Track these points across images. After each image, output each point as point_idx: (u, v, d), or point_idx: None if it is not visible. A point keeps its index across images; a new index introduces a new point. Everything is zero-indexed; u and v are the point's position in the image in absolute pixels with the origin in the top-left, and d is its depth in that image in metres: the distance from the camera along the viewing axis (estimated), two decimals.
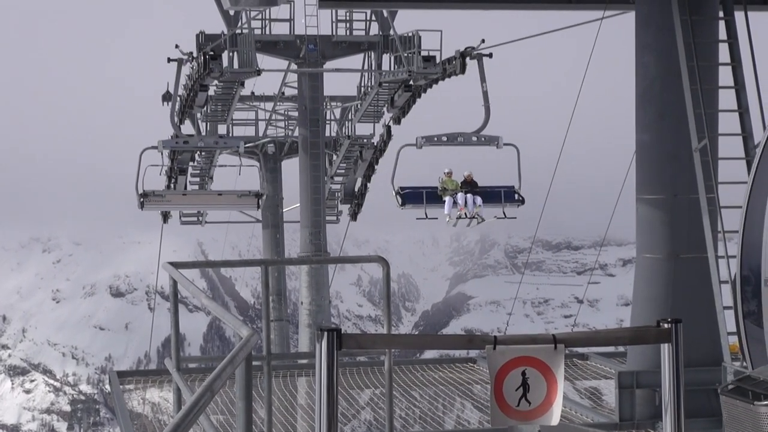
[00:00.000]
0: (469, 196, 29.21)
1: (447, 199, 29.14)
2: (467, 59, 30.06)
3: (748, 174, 14.77)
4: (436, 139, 28.22)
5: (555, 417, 5.51)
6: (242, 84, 33.50)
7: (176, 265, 10.60)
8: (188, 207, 37.81)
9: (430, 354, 34.10)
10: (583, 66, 22.40)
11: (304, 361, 19.22)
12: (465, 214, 29.20)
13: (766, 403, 6.61)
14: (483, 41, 29.12)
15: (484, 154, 28.82)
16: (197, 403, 5.00)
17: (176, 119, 34.49)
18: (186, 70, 33.37)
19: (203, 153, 38.46)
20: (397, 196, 28.71)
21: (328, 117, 38.50)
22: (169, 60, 34.05)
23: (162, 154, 33.38)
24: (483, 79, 29.57)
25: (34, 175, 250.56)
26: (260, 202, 33.09)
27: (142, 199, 32.42)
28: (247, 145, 40.69)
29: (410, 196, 29.11)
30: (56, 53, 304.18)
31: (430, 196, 29.20)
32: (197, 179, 39.80)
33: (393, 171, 28.02)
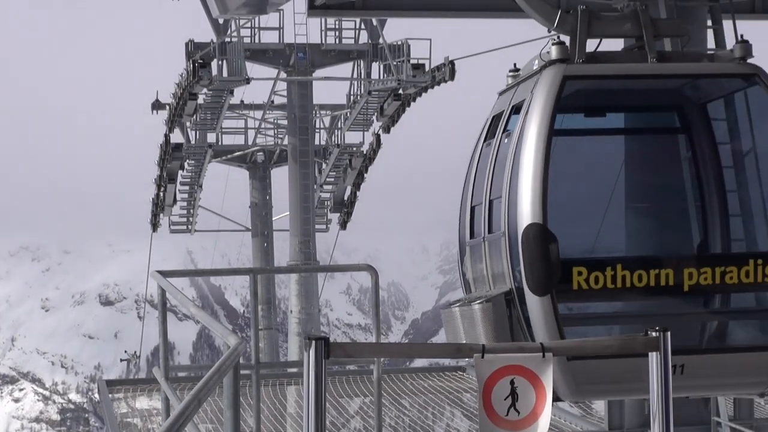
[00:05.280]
0: None
1: None
2: None
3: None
4: None
5: (544, 426, 5.51)
6: (231, 92, 33.51)
7: (165, 274, 10.59)
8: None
9: (419, 363, 34.07)
10: None
11: (294, 370, 19.19)
12: None
13: (479, 303, 7.97)
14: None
15: None
16: (184, 412, 4.99)
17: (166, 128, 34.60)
18: (175, 78, 33.40)
19: (193, 162, 38.47)
20: None
21: (317, 125, 38.51)
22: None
23: None
24: None
25: (23, 183, 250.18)
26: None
27: None
28: (236, 154, 40.77)
29: None
30: (42, 58, 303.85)
31: None
32: (186, 188, 39.78)
33: None
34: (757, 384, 8.07)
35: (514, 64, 8.89)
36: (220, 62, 32.74)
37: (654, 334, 5.52)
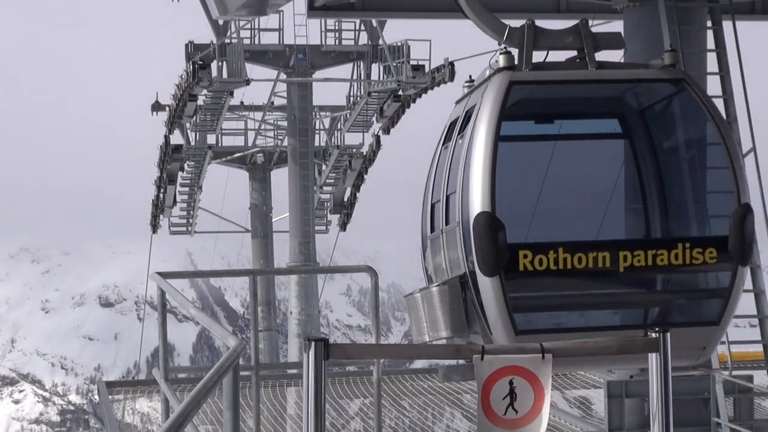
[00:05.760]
0: None
1: None
2: None
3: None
4: None
5: (542, 426, 5.52)
6: (231, 93, 33.49)
7: (164, 275, 10.59)
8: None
9: (419, 364, 34.09)
10: None
11: (294, 371, 19.18)
12: None
13: (436, 286, 9.00)
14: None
15: None
16: (183, 413, 4.98)
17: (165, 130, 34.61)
18: (175, 79, 33.40)
19: (192, 163, 38.47)
20: None
21: (317, 126, 38.50)
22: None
23: None
24: None
25: (23, 184, 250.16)
26: None
27: None
28: (236, 155, 40.79)
29: None
30: (42, 60, 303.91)
31: None
32: (186, 189, 39.76)
33: None
34: (690, 356, 8.87)
35: (470, 76, 9.65)
36: (220, 63, 32.74)
37: (654, 335, 5.53)
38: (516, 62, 8.90)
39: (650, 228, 9.16)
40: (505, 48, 9.08)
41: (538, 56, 9.14)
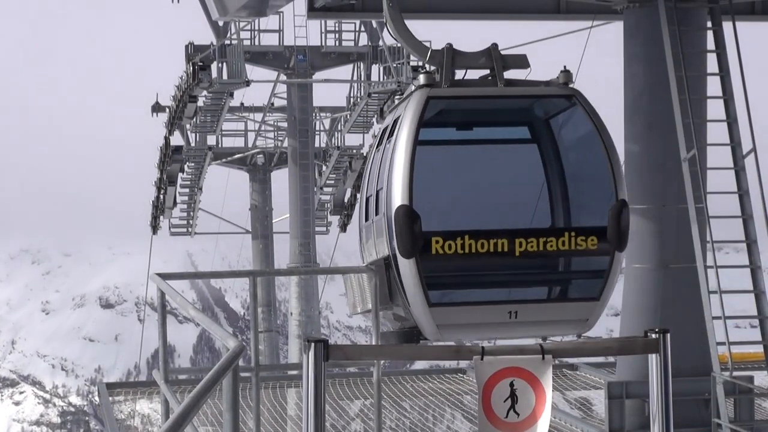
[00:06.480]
0: None
1: None
2: None
3: (737, 184, 14.80)
4: None
5: (543, 428, 5.51)
6: (231, 95, 33.49)
7: (164, 277, 10.59)
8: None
9: (420, 365, 34.09)
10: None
11: (294, 372, 19.17)
12: None
13: (366, 265, 11.02)
14: None
15: None
16: (183, 414, 4.97)
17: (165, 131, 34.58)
18: (175, 80, 33.39)
19: (193, 164, 38.47)
20: None
21: (317, 127, 38.49)
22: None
23: None
24: None
25: (24, 186, 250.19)
26: None
27: None
28: (236, 156, 40.79)
29: None
30: (44, 60, 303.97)
31: None
32: (186, 190, 39.76)
33: None
34: (575, 327, 10.34)
35: (400, 90, 11.08)
36: (220, 65, 32.74)
37: (654, 335, 5.52)
38: (438, 79, 10.60)
39: (543, 219, 10.73)
40: (427, 68, 10.95)
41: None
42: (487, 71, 10.72)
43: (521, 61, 10.90)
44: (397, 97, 11.81)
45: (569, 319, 10.35)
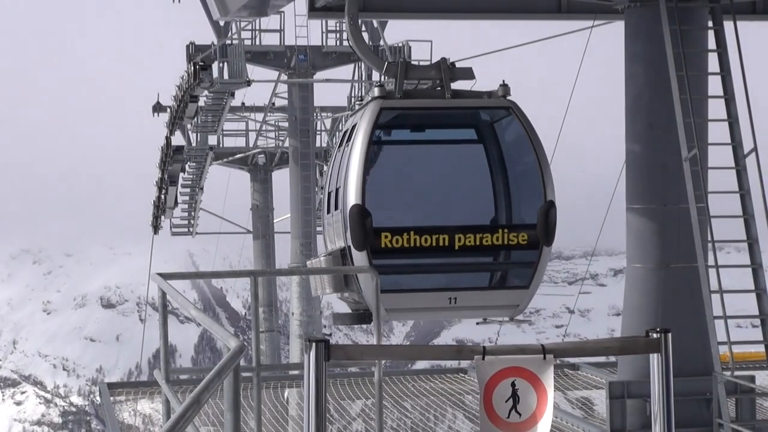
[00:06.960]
0: None
1: None
2: None
3: (738, 183, 14.79)
4: None
5: (545, 428, 5.50)
6: (232, 94, 33.50)
7: (165, 276, 10.58)
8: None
9: (421, 365, 34.04)
10: (573, 76, 22.40)
11: (295, 372, 19.18)
12: None
13: (324, 256, 12.33)
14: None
15: None
16: (184, 414, 4.97)
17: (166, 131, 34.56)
18: (176, 80, 33.39)
19: (194, 164, 38.49)
20: None
21: (318, 127, 38.51)
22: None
23: None
24: None
25: (24, 186, 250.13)
26: None
27: None
28: (237, 156, 40.78)
29: None
30: (42, 61, 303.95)
31: None
32: (187, 190, 39.77)
33: None
34: (507, 312, 11.69)
35: (361, 96, 11.64)
36: (221, 64, 32.74)
37: (655, 335, 5.51)
38: (392, 89, 11.70)
39: (481, 216, 11.85)
40: (381, 81, 12.20)
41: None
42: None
43: (467, 74, 12.09)
44: (357, 102, 13.11)
45: (502, 304, 11.71)
